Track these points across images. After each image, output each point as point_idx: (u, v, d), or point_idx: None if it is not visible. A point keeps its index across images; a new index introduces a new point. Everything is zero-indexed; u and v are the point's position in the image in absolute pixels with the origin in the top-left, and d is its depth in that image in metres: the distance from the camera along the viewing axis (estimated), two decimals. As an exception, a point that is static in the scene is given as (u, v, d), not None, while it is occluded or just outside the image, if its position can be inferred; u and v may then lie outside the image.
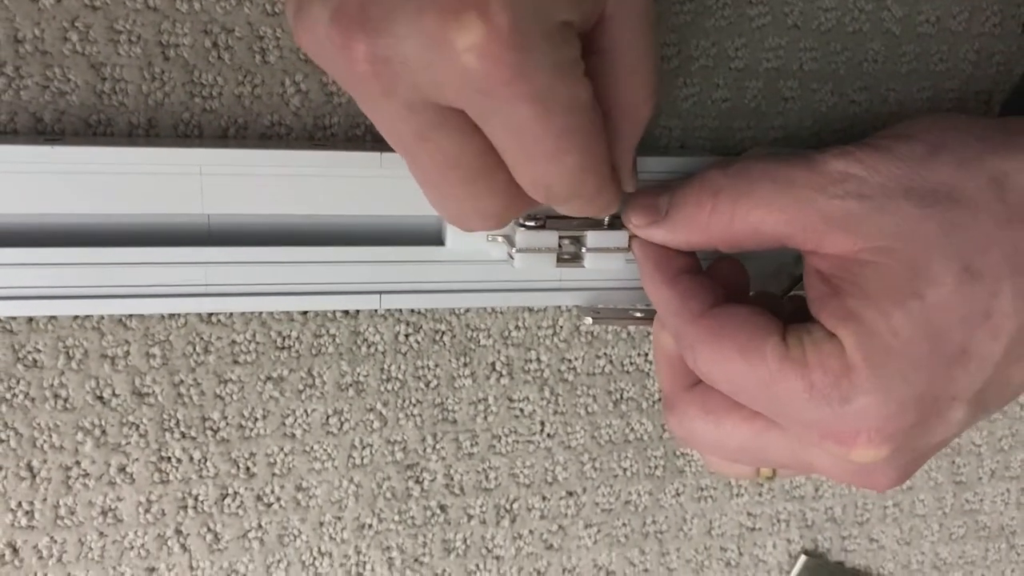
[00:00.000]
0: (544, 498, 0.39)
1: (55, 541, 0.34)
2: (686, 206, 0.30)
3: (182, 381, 0.34)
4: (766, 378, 0.27)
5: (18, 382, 0.32)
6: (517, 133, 0.24)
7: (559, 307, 0.37)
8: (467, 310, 0.36)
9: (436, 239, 0.33)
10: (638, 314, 0.34)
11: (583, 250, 0.32)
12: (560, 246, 0.32)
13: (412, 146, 0.25)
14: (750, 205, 0.28)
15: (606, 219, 0.32)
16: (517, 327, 0.37)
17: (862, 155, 0.28)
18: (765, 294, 0.34)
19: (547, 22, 0.23)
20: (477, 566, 0.39)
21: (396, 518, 0.37)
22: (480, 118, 0.24)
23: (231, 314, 0.33)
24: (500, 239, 0.32)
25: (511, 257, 0.32)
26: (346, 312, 0.35)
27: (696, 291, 0.30)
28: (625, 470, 0.40)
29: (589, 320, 0.34)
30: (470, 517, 0.38)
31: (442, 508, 0.38)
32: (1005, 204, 0.27)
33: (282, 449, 0.35)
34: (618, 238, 0.32)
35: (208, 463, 0.35)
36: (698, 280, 0.30)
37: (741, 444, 0.30)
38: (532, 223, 0.32)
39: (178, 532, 0.35)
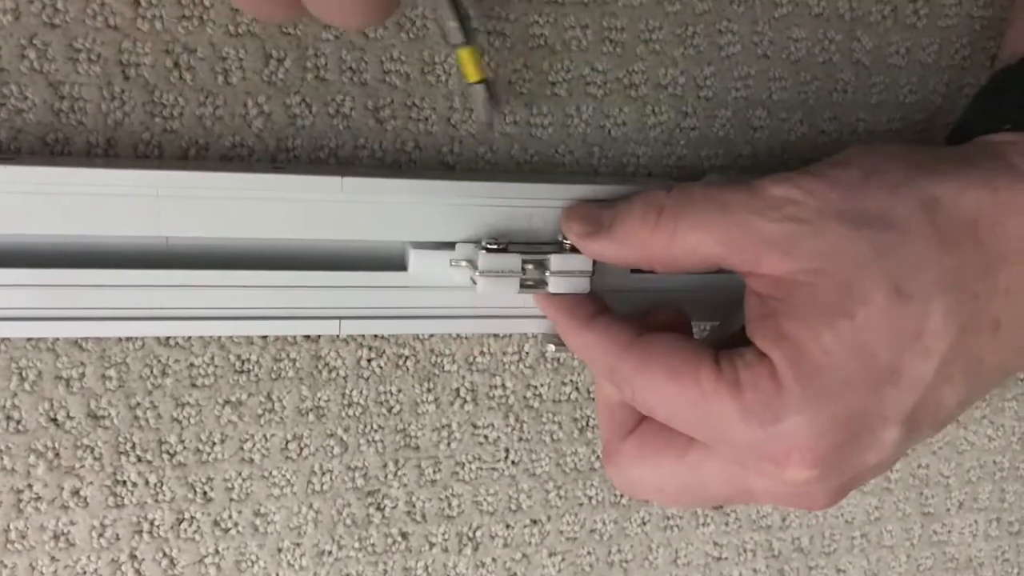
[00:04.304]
0: (508, 526, 0.38)
1: (5, 566, 0.33)
2: (630, 221, 0.30)
3: (138, 404, 0.33)
4: (699, 399, 0.28)
5: (-31, 403, 0.32)
6: None
7: (525, 333, 0.36)
8: (431, 335, 0.35)
9: (398, 264, 0.33)
10: None
11: (547, 274, 0.32)
12: (524, 271, 0.32)
13: None
14: (690, 226, 0.29)
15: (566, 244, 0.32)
16: (482, 352, 0.36)
17: (800, 180, 0.28)
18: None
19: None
20: (439, 594, 0.38)
21: (356, 545, 0.37)
22: None
23: (189, 336, 0.33)
24: (464, 263, 0.32)
25: (474, 282, 0.32)
26: (307, 336, 0.34)
27: (619, 325, 0.31)
28: (590, 498, 0.39)
29: (552, 347, 0.34)
30: (432, 545, 0.38)
31: (403, 535, 0.37)
32: (935, 227, 0.27)
33: (240, 474, 0.35)
34: (582, 261, 0.32)
35: (164, 487, 0.34)
36: (617, 317, 0.31)
37: (681, 483, 0.31)
38: (495, 245, 0.31)
39: (133, 557, 0.34)
